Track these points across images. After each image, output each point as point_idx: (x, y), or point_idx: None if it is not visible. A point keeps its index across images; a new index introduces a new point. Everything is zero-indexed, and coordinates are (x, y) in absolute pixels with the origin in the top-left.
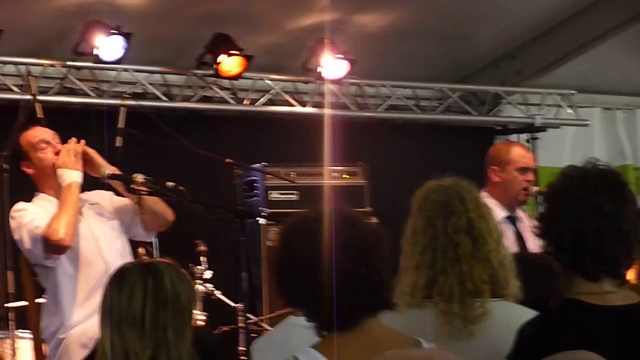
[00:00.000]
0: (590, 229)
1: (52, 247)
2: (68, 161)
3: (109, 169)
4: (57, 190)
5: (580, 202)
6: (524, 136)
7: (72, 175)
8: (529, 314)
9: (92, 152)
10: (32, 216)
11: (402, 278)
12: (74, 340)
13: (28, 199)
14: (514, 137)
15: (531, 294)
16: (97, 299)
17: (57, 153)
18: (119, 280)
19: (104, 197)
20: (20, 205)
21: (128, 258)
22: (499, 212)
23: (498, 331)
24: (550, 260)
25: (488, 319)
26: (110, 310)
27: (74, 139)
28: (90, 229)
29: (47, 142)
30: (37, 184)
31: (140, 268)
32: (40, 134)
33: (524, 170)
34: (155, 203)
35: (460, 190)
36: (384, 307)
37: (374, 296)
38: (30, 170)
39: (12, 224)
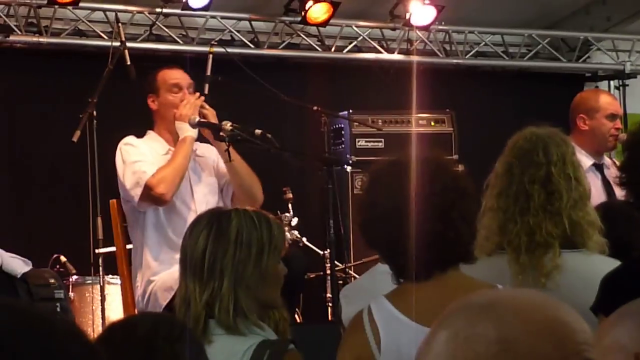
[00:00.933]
0: None
1: (152, 197)
2: (185, 114)
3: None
4: (171, 135)
5: None
6: (614, 83)
7: (189, 130)
8: (608, 263)
9: (209, 111)
10: (140, 157)
11: (481, 218)
12: (160, 284)
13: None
14: (603, 84)
15: (615, 242)
16: None
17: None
18: (191, 227)
19: (211, 153)
20: (131, 139)
21: None
22: (585, 161)
23: (573, 283)
24: (633, 209)
25: (562, 271)
26: (181, 255)
27: (196, 94)
28: (189, 180)
29: (180, 88)
30: (155, 121)
31: (211, 214)
32: (178, 77)
33: (612, 117)
34: (248, 175)
35: (550, 142)
36: (460, 261)
37: (448, 252)
38: (154, 105)
39: (118, 156)
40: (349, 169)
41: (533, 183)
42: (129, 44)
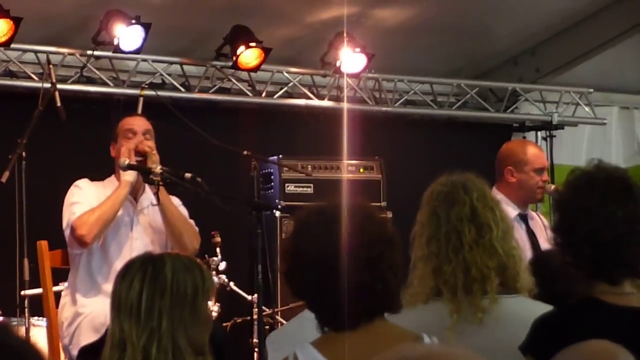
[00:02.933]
0: (606, 237)
1: (75, 238)
2: (122, 159)
3: (130, 161)
4: None
5: (592, 213)
6: (541, 134)
7: (125, 174)
8: (544, 308)
9: (152, 155)
10: (80, 199)
11: (412, 271)
12: (89, 320)
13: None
14: (531, 134)
15: (549, 291)
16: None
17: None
18: (123, 271)
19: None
20: (81, 182)
21: None
22: (511, 211)
23: (511, 323)
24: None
25: (500, 310)
26: (113, 299)
27: (136, 139)
28: (131, 229)
29: (135, 133)
30: (115, 168)
31: (144, 258)
32: (133, 123)
33: (540, 170)
34: (180, 223)
35: (467, 182)
36: (387, 311)
37: (376, 303)
38: (113, 152)
39: (66, 196)
40: (277, 213)
41: (461, 220)
42: (59, 86)
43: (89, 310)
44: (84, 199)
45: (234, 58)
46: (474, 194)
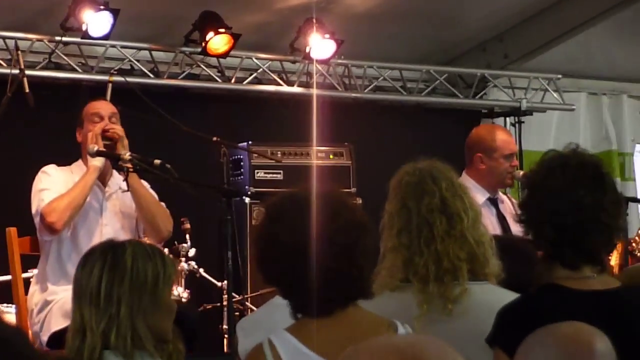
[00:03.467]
0: (569, 221)
1: (45, 226)
2: (90, 146)
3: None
4: None
5: (560, 195)
6: (510, 120)
7: (95, 160)
8: (511, 297)
9: (119, 140)
10: (48, 185)
11: (381, 261)
12: (59, 306)
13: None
14: (500, 120)
15: (512, 277)
16: None
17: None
18: (84, 258)
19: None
20: (48, 168)
21: None
22: (479, 196)
23: (479, 312)
24: (530, 245)
25: (469, 300)
26: (74, 286)
27: (102, 124)
28: (100, 215)
29: (101, 117)
30: (82, 152)
31: (105, 245)
32: (99, 107)
33: (509, 157)
34: (152, 206)
35: (434, 171)
36: (360, 297)
37: (351, 289)
38: (79, 137)
39: (34, 182)
40: (247, 200)
41: (431, 212)
42: (28, 72)
43: (59, 297)
44: (52, 185)
45: (203, 44)
46: (442, 184)
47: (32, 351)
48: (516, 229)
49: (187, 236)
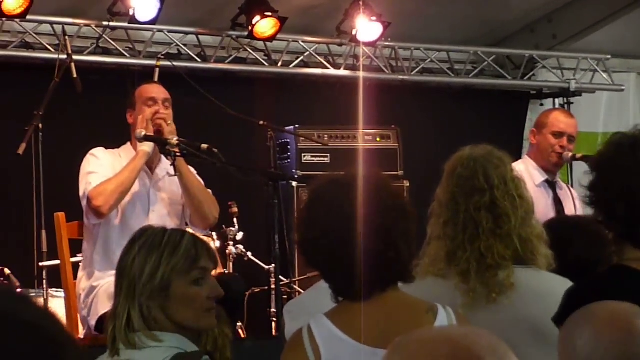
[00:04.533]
0: None
1: (92, 209)
2: (138, 131)
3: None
4: None
5: (632, 172)
6: (558, 101)
7: (143, 144)
8: (559, 281)
9: (168, 126)
10: (96, 169)
11: (427, 246)
12: (105, 289)
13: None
14: (548, 101)
15: (579, 257)
16: None
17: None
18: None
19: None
20: (96, 150)
21: None
22: (537, 176)
23: (525, 297)
24: (599, 225)
25: (514, 286)
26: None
27: (152, 109)
28: (148, 199)
29: (155, 102)
30: (131, 136)
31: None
32: (153, 91)
33: (559, 134)
34: (200, 192)
35: (488, 165)
36: (400, 280)
37: (389, 271)
38: (131, 119)
39: (82, 166)
40: (294, 183)
41: (479, 210)
42: (75, 57)
43: (104, 282)
44: (100, 169)
45: (250, 28)
46: (494, 181)
47: (65, 337)
48: (570, 214)
49: (235, 220)
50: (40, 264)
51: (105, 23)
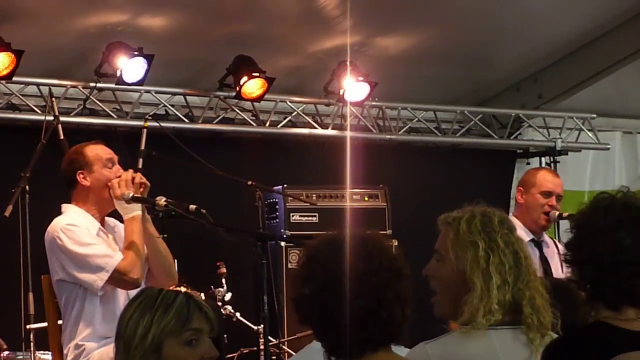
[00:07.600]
0: (608, 262)
1: (124, 282)
2: (126, 192)
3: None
4: (100, 213)
5: (601, 235)
6: (545, 159)
7: (133, 209)
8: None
9: (144, 184)
10: (93, 240)
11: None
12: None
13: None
14: (535, 160)
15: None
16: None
17: (119, 177)
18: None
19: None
20: (70, 220)
21: None
22: (524, 236)
23: None
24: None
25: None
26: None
27: (131, 171)
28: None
29: (114, 163)
30: (84, 197)
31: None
32: (109, 152)
33: (547, 194)
34: (168, 253)
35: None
36: (392, 342)
37: (380, 332)
38: (86, 182)
39: (63, 239)
40: (283, 243)
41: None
42: (62, 118)
43: (96, 352)
44: (95, 240)
45: (238, 88)
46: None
47: None
48: (558, 273)
49: (223, 280)
50: (28, 326)
51: (92, 84)
